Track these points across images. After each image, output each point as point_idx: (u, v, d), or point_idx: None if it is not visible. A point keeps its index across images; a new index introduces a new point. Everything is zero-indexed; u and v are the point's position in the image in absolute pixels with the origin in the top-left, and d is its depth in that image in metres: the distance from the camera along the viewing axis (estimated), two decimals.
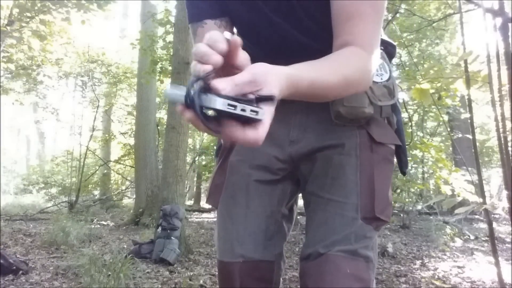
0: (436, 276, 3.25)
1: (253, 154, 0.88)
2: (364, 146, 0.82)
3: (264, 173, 0.87)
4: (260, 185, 0.87)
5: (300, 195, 0.93)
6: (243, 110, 0.44)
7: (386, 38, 0.89)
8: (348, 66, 0.64)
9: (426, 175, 7.84)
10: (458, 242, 4.98)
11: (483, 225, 6.37)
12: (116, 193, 11.65)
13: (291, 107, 0.86)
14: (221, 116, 0.45)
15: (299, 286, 0.81)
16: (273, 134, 0.85)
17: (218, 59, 0.47)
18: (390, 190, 0.85)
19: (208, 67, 0.46)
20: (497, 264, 1.68)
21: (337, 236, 0.77)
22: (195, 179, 12.95)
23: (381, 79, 0.83)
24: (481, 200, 1.77)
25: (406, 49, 6.62)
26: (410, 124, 7.60)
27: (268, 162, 0.87)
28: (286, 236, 0.90)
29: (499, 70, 1.61)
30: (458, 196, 2.20)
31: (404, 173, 0.93)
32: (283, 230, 0.89)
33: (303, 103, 0.84)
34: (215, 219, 1.22)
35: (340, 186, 0.81)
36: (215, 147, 1.04)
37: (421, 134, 8.36)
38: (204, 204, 10.18)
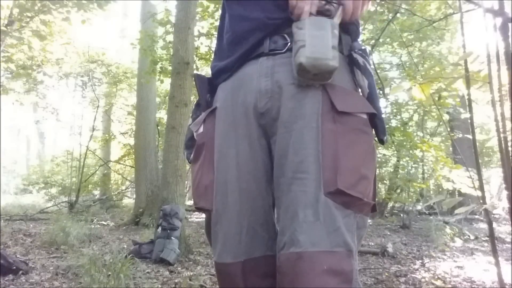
0: (436, 276, 3.25)
1: (236, 143, 0.85)
2: (326, 116, 0.78)
3: (252, 162, 0.84)
4: (251, 177, 0.84)
5: None
6: None
7: None
8: None
9: (426, 175, 7.84)
10: (458, 242, 4.98)
11: (483, 225, 6.37)
12: (116, 193, 11.64)
13: (255, 70, 0.85)
14: None
15: None
16: (246, 111, 0.85)
17: None
18: (369, 165, 0.79)
19: None
20: (497, 264, 1.68)
21: (302, 215, 0.72)
22: None
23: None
24: (481, 198, 1.77)
25: (406, 49, 6.62)
26: (409, 123, 7.60)
27: (251, 149, 0.85)
28: None
29: (499, 70, 1.61)
30: (460, 191, 2.20)
31: (381, 141, 0.85)
32: None
33: (268, 64, 0.84)
34: None
35: (302, 161, 0.75)
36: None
37: (421, 134, 8.36)
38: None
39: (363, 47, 0.86)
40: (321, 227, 0.71)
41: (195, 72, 2.85)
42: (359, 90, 0.87)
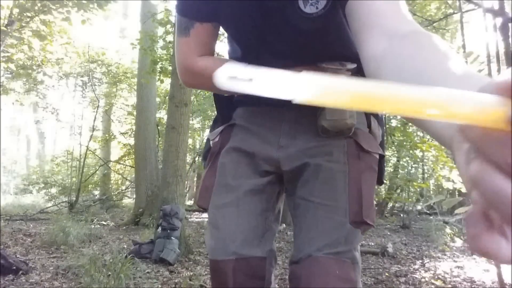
0: (436, 276, 3.25)
1: (239, 154, 0.93)
2: (352, 154, 0.87)
3: (254, 174, 0.91)
4: (250, 183, 0.91)
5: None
6: None
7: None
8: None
9: (426, 175, 7.84)
10: (458, 242, 4.98)
11: None
12: (116, 193, 11.65)
13: (282, 115, 0.91)
14: None
15: None
16: (264, 139, 0.92)
17: None
18: (373, 197, 0.90)
19: None
20: (497, 264, 1.68)
21: (327, 240, 0.80)
22: (195, 179, 12.95)
23: None
24: None
25: None
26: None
27: (257, 164, 0.92)
28: (275, 234, 0.93)
29: (499, 70, 1.61)
30: (460, 191, 2.20)
31: (382, 183, 0.97)
32: (273, 228, 0.92)
33: (292, 112, 0.91)
34: None
35: (330, 191, 0.84)
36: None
37: (421, 134, 8.35)
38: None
39: None
40: (340, 247, 0.80)
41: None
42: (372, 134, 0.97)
